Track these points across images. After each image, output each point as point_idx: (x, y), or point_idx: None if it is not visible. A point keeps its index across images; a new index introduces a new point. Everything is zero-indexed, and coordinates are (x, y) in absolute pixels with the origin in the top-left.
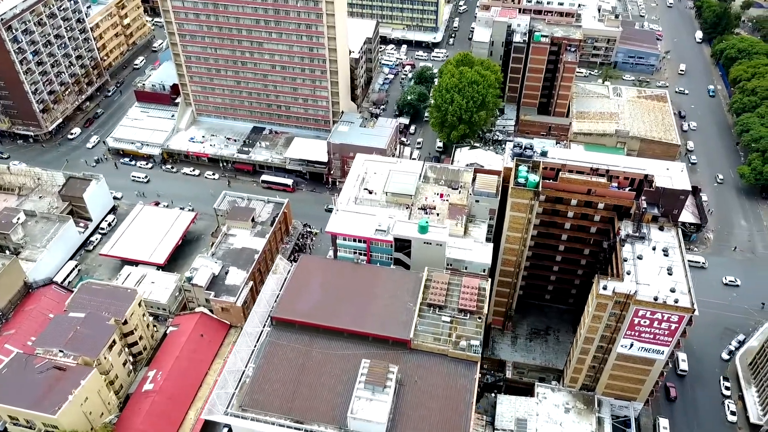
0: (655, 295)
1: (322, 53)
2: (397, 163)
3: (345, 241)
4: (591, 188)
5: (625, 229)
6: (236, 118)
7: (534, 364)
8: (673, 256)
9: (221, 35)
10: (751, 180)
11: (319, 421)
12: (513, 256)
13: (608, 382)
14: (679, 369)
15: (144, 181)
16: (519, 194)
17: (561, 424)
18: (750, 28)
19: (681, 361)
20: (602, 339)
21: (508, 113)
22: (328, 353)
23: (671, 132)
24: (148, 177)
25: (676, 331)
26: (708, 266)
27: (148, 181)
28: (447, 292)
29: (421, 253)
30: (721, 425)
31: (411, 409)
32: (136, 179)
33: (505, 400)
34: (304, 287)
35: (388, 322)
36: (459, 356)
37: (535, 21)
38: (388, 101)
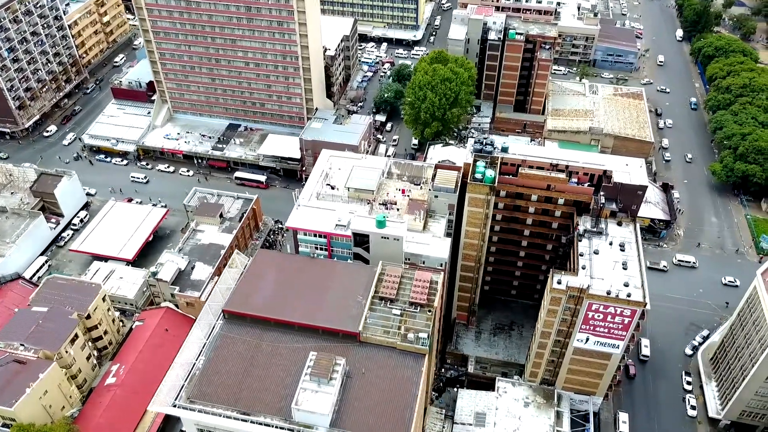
0: (608, 289)
1: (295, 50)
2: (362, 159)
3: (306, 236)
4: (550, 184)
5: (583, 224)
6: (212, 115)
7: (497, 359)
8: (629, 251)
9: (195, 32)
10: (722, 177)
11: (265, 413)
12: (473, 251)
13: (567, 377)
14: (641, 354)
15: (143, 181)
16: (475, 189)
17: (520, 418)
18: (730, 27)
19: (644, 347)
20: (559, 333)
21: (484, 110)
22: (278, 346)
23: (645, 129)
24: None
25: (630, 325)
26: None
27: (147, 182)
28: (399, 285)
29: (379, 248)
30: (681, 420)
31: (357, 400)
32: (136, 179)
33: (466, 394)
34: (259, 281)
35: (338, 316)
36: (407, 349)
37: (511, 19)
38: (366, 99)
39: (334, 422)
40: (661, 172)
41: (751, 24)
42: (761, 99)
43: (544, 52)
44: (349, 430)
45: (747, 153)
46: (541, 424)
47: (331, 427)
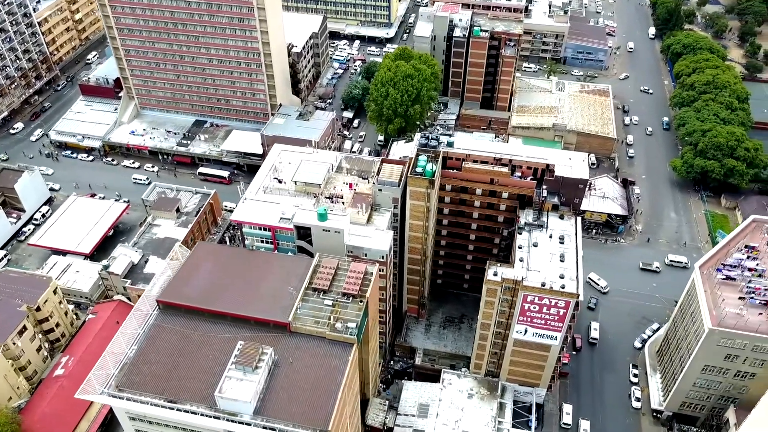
0: (542, 281)
1: (257, 47)
2: (313, 154)
3: (251, 229)
4: (493, 178)
5: (525, 217)
6: (178, 112)
7: (445, 351)
8: (568, 244)
9: (158, 29)
10: (682, 173)
11: (192, 401)
12: (418, 244)
13: (510, 369)
14: (590, 337)
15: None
16: (416, 183)
17: (462, 410)
18: (703, 25)
19: (593, 330)
20: (499, 325)
21: (451, 107)
22: (210, 336)
23: (609, 126)
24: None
25: (565, 316)
26: (632, 257)
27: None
28: (334, 277)
29: (321, 241)
30: (625, 411)
31: (283, 389)
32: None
33: (411, 386)
34: (195, 273)
35: (270, 307)
36: (336, 338)
37: (477, 16)
38: (336, 96)
39: (258, 410)
40: (624, 168)
41: (723, 22)
42: (724, 96)
43: (509, 49)
44: (272, 417)
45: (706, 149)
46: (484, 415)
47: (254, 415)
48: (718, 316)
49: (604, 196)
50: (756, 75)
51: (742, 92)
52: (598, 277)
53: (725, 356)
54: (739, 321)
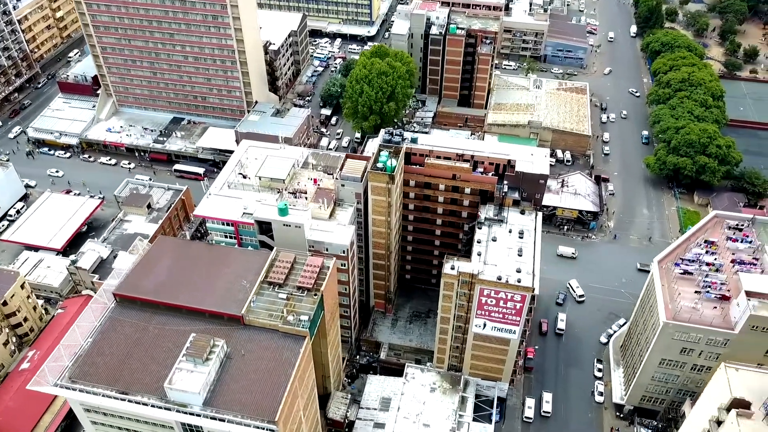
0: (498, 274)
1: (231, 44)
2: (279, 149)
3: (214, 224)
4: (455, 173)
5: (486, 212)
6: (156, 109)
7: (410, 346)
8: (527, 238)
9: (133, 26)
10: (655, 170)
11: (143, 392)
12: (382, 239)
13: (472, 363)
14: (557, 328)
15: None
16: (376, 178)
17: (424, 403)
18: (684, 23)
19: (560, 321)
20: (458, 319)
21: (429, 105)
22: (165, 329)
23: (584, 123)
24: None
25: (522, 310)
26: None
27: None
28: (290, 271)
29: (282, 235)
30: (588, 405)
31: (233, 380)
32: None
33: (375, 380)
34: (154, 266)
35: (225, 300)
36: (289, 331)
37: (455, 14)
38: (315, 93)
39: (208, 401)
40: (599, 165)
41: (704, 21)
42: (698, 93)
43: (485, 46)
44: (222, 408)
45: (679, 146)
46: (445, 408)
47: (204, 406)
48: (673, 309)
49: (575, 192)
50: (735, 73)
51: (717, 90)
52: (576, 285)
53: (681, 350)
54: (693, 315)
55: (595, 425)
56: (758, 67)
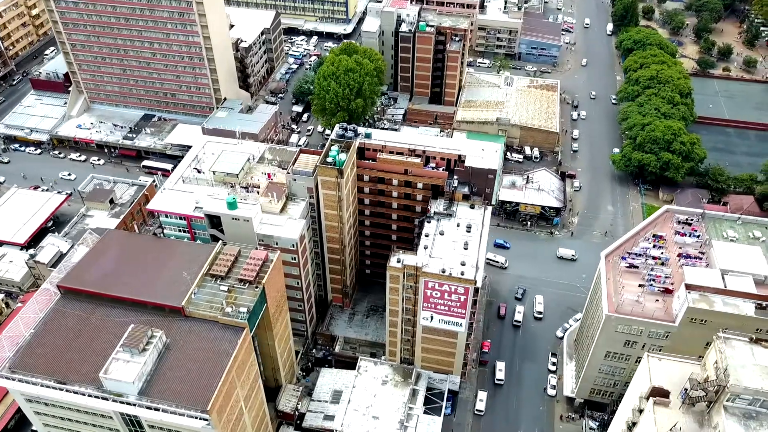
0: (442, 267)
1: (198, 41)
2: (237, 145)
3: (167, 218)
4: (407, 168)
5: (436, 207)
6: (127, 106)
7: (365, 340)
8: (474, 232)
9: (102, 23)
10: (621, 166)
11: (81, 382)
12: (335, 234)
13: (423, 356)
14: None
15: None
16: (325, 172)
17: (375, 396)
18: (661, 21)
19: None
20: (407, 312)
21: (400, 102)
22: (107, 320)
23: (552, 120)
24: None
25: (466, 302)
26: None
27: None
28: (234, 264)
29: (232, 229)
30: (540, 399)
31: (170, 370)
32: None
33: (327, 373)
34: (100, 259)
35: (167, 292)
36: (228, 323)
37: (426, 12)
38: (288, 90)
39: (144, 391)
40: (567, 162)
41: (680, 19)
42: (666, 90)
43: (455, 44)
44: (157, 397)
45: (644, 143)
46: (395, 401)
47: (139, 396)
48: (617, 302)
49: (539, 188)
50: (708, 71)
51: (685, 87)
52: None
53: (625, 342)
54: (635, 308)
55: (546, 418)
56: (731, 65)
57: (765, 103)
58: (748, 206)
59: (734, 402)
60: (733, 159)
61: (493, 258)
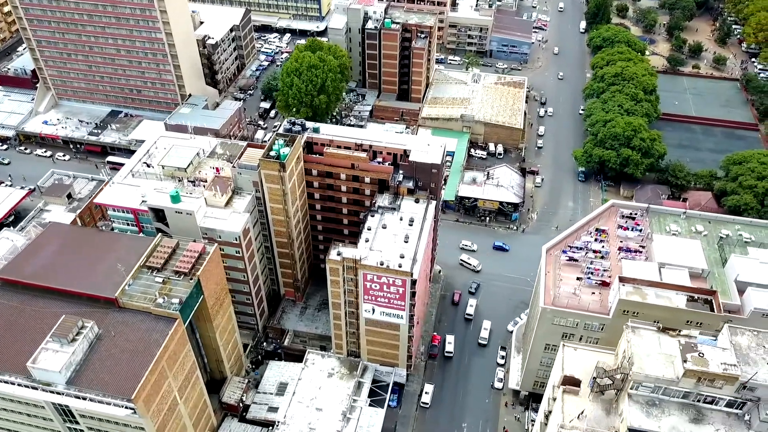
0: (381, 260)
1: (160, 38)
2: (189, 140)
3: (115, 212)
4: (354, 162)
5: (382, 201)
6: (94, 102)
7: (315, 333)
8: (416, 226)
9: (66, 20)
10: (582, 162)
11: (11, 371)
12: (282, 227)
13: (368, 348)
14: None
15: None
16: (267, 166)
17: (320, 388)
18: (634, 19)
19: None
20: (350, 305)
21: (368, 99)
22: (42, 311)
23: (517, 117)
24: None
25: (405, 295)
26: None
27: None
28: (171, 256)
29: (176, 222)
30: (487, 392)
31: (100, 360)
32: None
33: (275, 365)
34: (40, 251)
35: (102, 283)
36: (161, 313)
37: (393, 9)
38: (257, 87)
39: (72, 380)
40: (531, 158)
41: (653, 17)
42: (630, 87)
43: (420, 40)
44: (85, 387)
45: (605, 139)
46: (340, 393)
47: (68, 385)
48: (554, 295)
49: (498, 184)
50: (677, 68)
51: (649, 84)
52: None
53: (562, 335)
54: (571, 300)
55: (491, 411)
56: (701, 62)
57: (733, 100)
58: (705, 202)
59: (638, 390)
60: (697, 156)
61: (466, 260)
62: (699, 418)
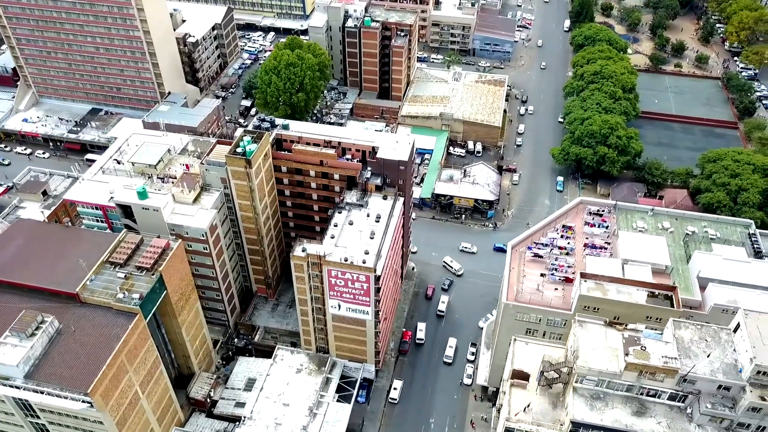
0: (345, 256)
1: (138, 36)
2: (161, 137)
3: (84, 208)
4: (323, 159)
5: (350, 197)
6: (75, 100)
7: (285, 329)
8: (383, 222)
9: (45, 18)
10: (560, 160)
11: None
12: (251, 224)
13: (336, 344)
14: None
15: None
16: (233, 162)
17: (288, 384)
18: (618, 18)
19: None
20: (316, 301)
21: (350, 97)
22: (3, 306)
23: (496, 115)
24: None
25: (369, 290)
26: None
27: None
28: (134, 252)
29: (143, 219)
30: (455, 388)
31: (60, 355)
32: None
33: (244, 361)
34: (5, 247)
35: (64, 278)
36: (121, 308)
37: (374, 7)
38: (240, 85)
39: (31, 374)
40: (510, 156)
41: (637, 15)
42: (608, 85)
43: (400, 38)
44: (43, 381)
45: (582, 137)
46: (308, 389)
47: (25, 379)
48: (516, 291)
49: (474, 182)
50: (660, 67)
51: (628, 82)
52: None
53: (526, 331)
54: (533, 296)
55: (460, 407)
56: (683, 61)
57: (713, 99)
58: (681, 200)
59: (582, 383)
60: (675, 154)
61: (449, 263)
62: (642, 411)
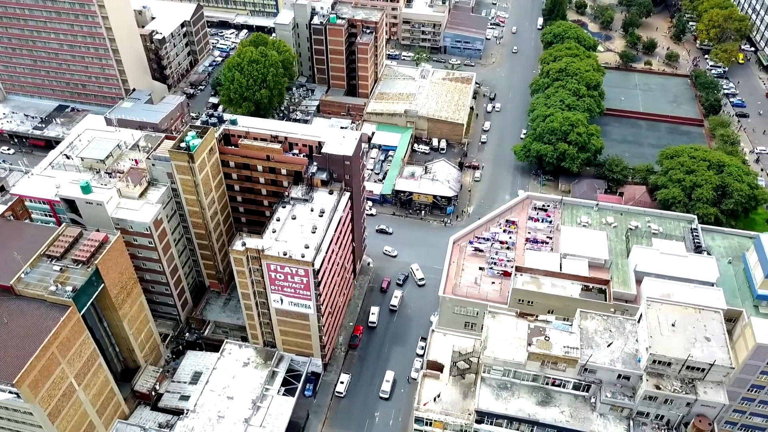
0: (284, 250)
1: (101, 32)
2: (114, 132)
3: (32, 203)
4: (269, 154)
5: (295, 192)
6: (42, 96)
7: (235, 324)
8: (326, 217)
9: (7, 14)
10: (521, 157)
11: None
12: (198, 219)
13: (282, 338)
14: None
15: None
16: (176, 157)
17: (234, 377)
18: (592, 16)
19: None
20: (259, 295)
21: (317, 94)
22: None
23: (461, 112)
24: None
25: (309, 284)
26: None
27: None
28: (72, 245)
29: (88, 213)
30: (404, 382)
31: None
32: None
33: (192, 355)
34: None
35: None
36: (54, 301)
37: (341, 4)
38: (209, 82)
39: None
40: (474, 153)
41: (609, 14)
42: (573, 83)
43: (365, 36)
44: None
45: (543, 134)
46: (253, 382)
47: None
48: (454, 284)
49: (434, 179)
50: (630, 64)
51: (593, 80)
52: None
53: (464, 324)
54: (471, 289)
55: (406, 401)
56: (654, 59)
57: (681, 96)
58: (640, 196)
59: (490, 373)
60: (639, 150)
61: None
62: (547, 400)
